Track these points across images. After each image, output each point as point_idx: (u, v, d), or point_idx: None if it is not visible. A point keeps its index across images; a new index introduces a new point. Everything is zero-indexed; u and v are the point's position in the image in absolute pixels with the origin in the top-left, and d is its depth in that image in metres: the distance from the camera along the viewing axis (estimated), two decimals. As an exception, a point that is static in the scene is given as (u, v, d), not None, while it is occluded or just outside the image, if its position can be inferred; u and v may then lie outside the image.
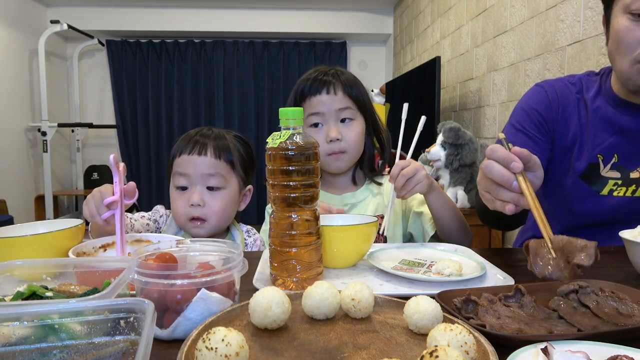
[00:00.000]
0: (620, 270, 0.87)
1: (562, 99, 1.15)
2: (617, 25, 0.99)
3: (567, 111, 1.14)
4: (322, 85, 1.17)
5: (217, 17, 5.06)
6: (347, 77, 1.21)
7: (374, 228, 0.89)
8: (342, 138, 1.16)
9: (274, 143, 0.75)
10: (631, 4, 0.95)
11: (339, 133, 1.16)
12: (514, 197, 0.74)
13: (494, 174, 0.74)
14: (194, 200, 1.10)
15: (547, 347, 0.49)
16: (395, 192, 1.05)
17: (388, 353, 0.52)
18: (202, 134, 1.16)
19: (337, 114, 1.17)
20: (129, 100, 5.34)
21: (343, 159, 1.19)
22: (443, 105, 3.44)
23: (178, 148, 1.15)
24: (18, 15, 4.45)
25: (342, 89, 1.18)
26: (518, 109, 1.20)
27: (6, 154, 4.27)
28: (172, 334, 0.57)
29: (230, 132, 1.22)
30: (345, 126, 1.18)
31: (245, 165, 1.19)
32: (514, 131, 1.17)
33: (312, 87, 1.17)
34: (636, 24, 0.95)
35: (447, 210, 1.11)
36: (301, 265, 0.75)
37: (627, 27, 0.96)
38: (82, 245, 0.89)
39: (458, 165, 2.46)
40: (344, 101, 1.17)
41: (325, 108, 1.17)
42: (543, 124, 1.15)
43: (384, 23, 5.18)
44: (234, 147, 1.16)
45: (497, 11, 2.59)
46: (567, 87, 1.16)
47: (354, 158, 1.22)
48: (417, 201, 1.21)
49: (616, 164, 1.09)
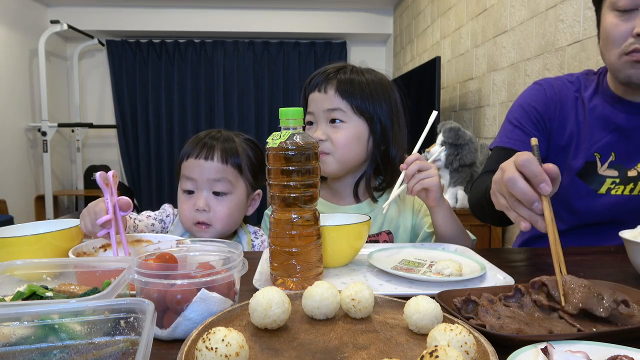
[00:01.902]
0: (620, 270, 0.87)
1: (560, 97, 1.15)
2: (605, 22, 1.03)
3: (564, 109, 1.15)
4: (319, 82, 1.12)
5: (217, 17, 5.06)
6: (350, 77, 1.12)
7: (366, 227, 0.90)
8: (327, 139, 1.09)
9: (274, 143, 0.75)
10: (617, 1, 1.00)
11: (323, 133, 1.09)
12: (532, 217, 0.70)
13: (515, 191, 0.70)
14: (199, 206, 1.09)
15: (547, 347, 0.49)
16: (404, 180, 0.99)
17: (388, 353, 0.52)
18: (211, 136, 1.14)
19: (327, 115, 1.10)
20: (129, 100, 5.33)
21: (326, 162, 1.10)
22: (443, 105, 3.44)
23: (186, 150, 1.14)
24: (18, 15, 4.44)
25: (334, 89, 1.10)
26: (516, 105, 1.21)
27: (6, 154, 4.27)
28: (172, 334, 0.58)
29: (241, 135, 1.20)
30: (333, 127, 1.10)
31: (254, 169, 1.16)
32: (510, 127, 1.18)
33: (311, 83, 1.14)
34: (622, 19, 1.00)
35: (453, 227, 1.06)
36: (301, 265, 0.75)
37: (614, 23, 1.01)
38: (82, 245, 0.89)
39: (458, 165, 2.47)
40: (334, 101, 1.09)
41: (316, 107, 1.12)
42: (540, 121, 1.16)
43: (384, 23, 5.18)
44: (242, 151, 1.14)
45: (497, 11, 2.59)
46: (566, 86, 1.17)
47: (343, 163, 1.11)
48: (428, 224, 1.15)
49: (613, 162, 1.10)
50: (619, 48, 1.01)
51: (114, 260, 0.69)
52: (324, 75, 1.13)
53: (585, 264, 0.92)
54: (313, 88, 1.13)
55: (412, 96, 3.28)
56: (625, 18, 0.99)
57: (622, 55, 1.00)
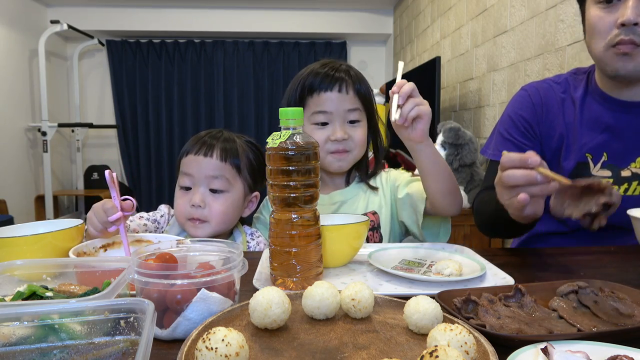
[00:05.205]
0: (620, 270, 0.87)
1: (545, 101, 1.16)
2: (589, 15, 1.03)
3: (551, 112, 1.15)
4: (333, 81, 1.11)
5: (217, 17, 5.06)
6: (357, 73, 1.16)
7: (365, 227, 0.90)
8: (348, 137, 1.13)
9: (274, 143, 0.75)
10: None
11: (345, 133, 1.12)
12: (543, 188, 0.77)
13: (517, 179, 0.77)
14: (195, 201, 1.09)
15: (547, 347, 0.49)
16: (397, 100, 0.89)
17: (388, 353, 0.52)
18: (212, 135, 1.15)
19: (345, 115, 1.13)
20: (129, 100, 5.33)
21: (346, 159, 1.15)
22: (443, 105, 3.44)
23: (186, 148, 1.14)
24: (18, 15, 4.44)
25: (353, 88, 1.13)
26: (505, 115, 1.22)
27: (6, 154, 4.27)
28: (172, 334, 0.58)
29: (242, 136, 1.20)
30: (352, 127, 1.14)
31: (253, 171, 1.16)
32: (501, 139, 1.19)
33: (323, 82, 1.11)
34: (606, 11, 0.99)
35: (439, 166, 0.99)
36: (301, 265, 0.75)
37: (599, 16, 1.00)
38: (82, 245, 0.89)
39: (458, 165, 2.47)
40: (354, 101, 1.13)
41: (334, 107, 1.12)
42: (529, 129, 1.17)
43: (384, 23, 5.18)
44: (242, 152, 1.14)
45: (497, 11, 2.59)
46: (552, 88, 1.18)
47: (356, 159, 1.18)
48: (403, 183, 1.16)
49: (606, 163, 1.10)
50: (604, 40, 0.99)
51: (114, 260, 0.70)
52: (338, 75, 1.12)
53: (586, 264, 0.92)
54: (326, 87, 1.11)
55: (412, 96, 3.27)
56: (609, 10, 0.98)
57: (608, 47, 0.99)
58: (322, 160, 1.13)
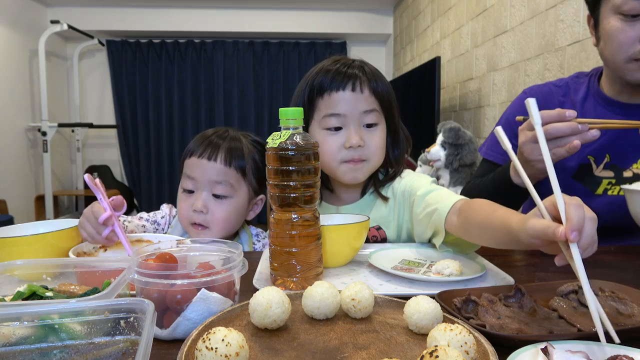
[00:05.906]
0: (620, 270, 0.87)
1: (545, 104, 1.16)
2: (608, 26, 1.01)
3: None
4: (346, 79, 0.98)
5: (217, 17, 5.06)
6: (372, 69, 1.03)
7: (365, 227, 0.90)
8: (364, 145, 0.99)
9: (274, 143, 0.75)
10: (622, 4, 0.97)
11: (361, 139, 0.98)
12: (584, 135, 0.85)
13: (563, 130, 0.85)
14: (197, 207, 1.06)
15: (547, 347, 0.49)
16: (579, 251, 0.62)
17: (388, 353, 0.52)
18: (218, 135, 1.11)
19: (361, 117, 0.99)
20: (129, 100, 5.33)
21: (361, 170, 1.01)
22: (443, 105, 3.44)
23: (191, 147, 1.10)
24: (18, 15, 4.44)
25: (368, 86, 0.99)
26: (504, 118, 1.23)
27: (6, 154, 4.27)
28: (172, 334, 0.58)
29: (249, 135, 1.15)
30: (368, 132, 1.01)
31: (259, 173, 1.11)
32: (496, 141, 1.19)
33: (334, 81, 0.99)
34: (628, 24, 0.97)
35: None
36: (301, 265, 0.75)
37: (620, 28, 0.98)
38: (82, 245, 0.89)
39: (458, 165, 2.47)
40: (370, 102, 0.99)
41: (349, 108, 0.98)
42: None
43: (384, 23, 5.18)
44: (248, 153, 1.10)
45: (497, 11, 2.59)
46: (552, 92, 1.18)
47: (373, 169, 1.04)
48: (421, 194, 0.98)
49: (609, 164, 1.11)
50: (626, 53, 0.99)
51: (114, 260, 0.70)
52: (350, 72, 0.99)
53: (585, 264, 0.91)
54: (337, 87, 0.98)
55: (412, 96, 3.28)
56: (631, 23, 0.97)
57: (630, 60, 0.99)
58: (335, 170, 1.02)
